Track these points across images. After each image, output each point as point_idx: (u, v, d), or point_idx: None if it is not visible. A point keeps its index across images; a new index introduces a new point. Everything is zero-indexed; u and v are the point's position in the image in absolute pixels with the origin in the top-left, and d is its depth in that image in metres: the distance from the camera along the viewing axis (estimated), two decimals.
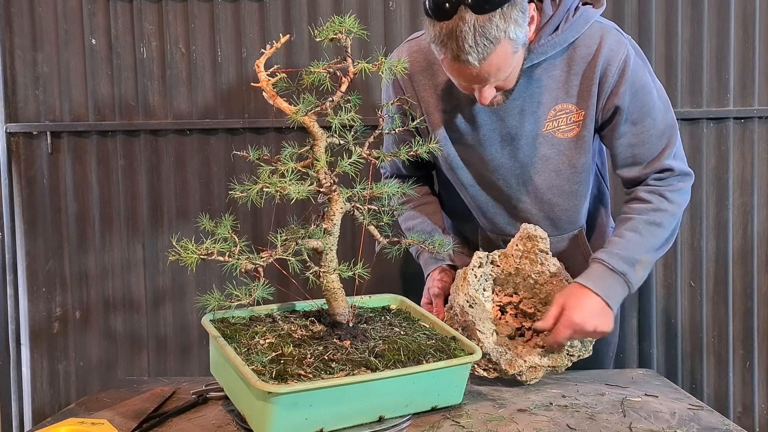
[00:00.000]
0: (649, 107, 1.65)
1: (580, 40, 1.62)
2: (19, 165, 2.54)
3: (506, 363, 1.54)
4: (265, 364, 1.26)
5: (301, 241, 1.35)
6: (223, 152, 2.52)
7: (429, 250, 1.53)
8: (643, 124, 1.65)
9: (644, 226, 1.64)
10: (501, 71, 1.48)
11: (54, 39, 2.51)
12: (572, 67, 1.63)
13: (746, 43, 2.47)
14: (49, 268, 2.56)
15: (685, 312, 2.54)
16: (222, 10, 2.49)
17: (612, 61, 1.61)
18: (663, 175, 1.68)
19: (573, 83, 1.64)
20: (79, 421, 1.28)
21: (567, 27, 1.59)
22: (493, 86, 1.52)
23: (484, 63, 1.43)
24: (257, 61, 1.37)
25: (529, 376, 1.56)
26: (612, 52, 1.61)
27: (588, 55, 1.62)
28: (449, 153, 1.74)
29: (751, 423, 2.55)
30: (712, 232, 2.53)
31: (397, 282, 2.50)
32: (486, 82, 1.49)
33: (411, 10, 2.48)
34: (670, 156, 1.68)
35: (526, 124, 1.67)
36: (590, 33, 1.62)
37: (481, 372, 1.56)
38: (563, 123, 1.66)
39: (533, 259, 1.68)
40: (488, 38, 1.40)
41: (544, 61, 1.62)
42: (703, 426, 1.33)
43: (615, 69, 1.61)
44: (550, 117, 1.66)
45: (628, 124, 1.66)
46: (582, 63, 1.63)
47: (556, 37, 1.59)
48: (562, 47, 1.61)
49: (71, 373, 2.59)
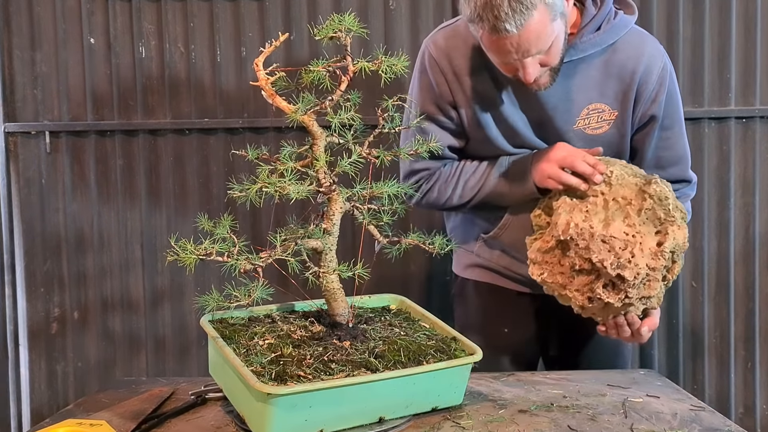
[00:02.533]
0: (678, 114, 1.74)
1: (620, 44, 1.66)
2: (18, 165, 2.53)
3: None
4: (265, 365, 1.25)
5: (300, 241, 1.35)
6: (222, 152, 2.51)
7: (429, 249, 1.51)
8: (672, 130, 1.73)
9: None
10: (541, 39, 1.48)
11: (52, 38, 2.50)
12: (610, 69, 1.66)
13: (748, 43, 2.47)
14: (47, 269, 2.55)
15: (687, 312, 2.54)
16: (221, 10, 2.48)
17: (652, 69, 1.66)
18: (679, 186, 1.75)
19: (609, 85, 1.67)
20: (77, 422, 1.28)
21: (608, 28, 1.64)
22: (537, 62, 1.52)
23: (522, 30, 1.44)
24: (256, 60, 1.36)
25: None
26: (652, 59, 1.67)
27: (627, 59, 1.66)
28: (496, 136, 1.71)
29: (752, 424, 2.55)
30: (714, 232, 2.52)
31: (397, 282, 2.49)
32: (528, 53, 1.49)
33: (411, 9, 2.48)
34: (689, 166, 1.77)
35: (557, 120, 1.69)
36: (630, 38, 1.67)
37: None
38: (594, 120, 1.69)
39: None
40: (524, 4, 1.41)
41: (582, 60, 1.64)
42: (704, 427, 1.33)
43: (655, 77, 1.67)
44: (583, 115, 1.68)
45: (660, 130, 1.72)
46: (620, 66, 1.66)
47: (597, 37, 1.63)
48: (601, 47, 1.64)
49: (69, 373, 2.58)
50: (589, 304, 1.56)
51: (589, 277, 1.55)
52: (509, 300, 1.88)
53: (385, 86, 1.38)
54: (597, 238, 1.52)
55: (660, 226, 1.54)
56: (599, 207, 1.56)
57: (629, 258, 1.50)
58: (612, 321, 1.61)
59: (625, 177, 1.57)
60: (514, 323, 1.90)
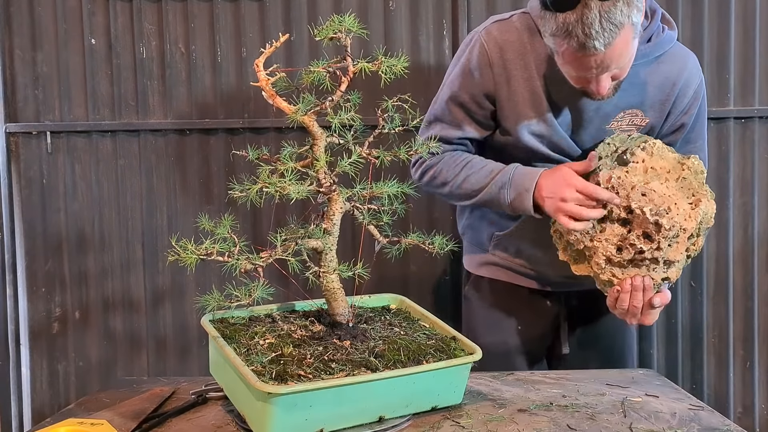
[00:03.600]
0: (703, 131, 1.83)
1: (666, 56, 1.71)
2: (19, 165, 2.54)
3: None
4: (265, 364, 1.26)
5: (300, 241, 1.35)
6: (223, 152, 2.51)
7: (429, 249, 1.52)
8: (696, 144, 1.81)
9: None
10: (622, 57, 1.51)
11: (53, 39, 2.50)
12: (653, 79, 1.70)
13: (747, 43, 2.47)
14: (48, 269, 2.56)
15: (686, 312, 2.54)
16: (222, 10, 2.48)
17: (691, 83, 1.73)
18: None
19: (650, 93, 1.71)
20: (78, 421, 1.28)
21: (658, 41, 1.69)
22: (610, 76, 1.55)
23: (609, 48, 1.46)
24: (257, 60, 1.37)
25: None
26: (692, 74, 1.74)
27: (670, 72, 1.71)
28: (529, 126, 1.71)
29: (751, 423, 2.55)
30: (713, 232, 2.52)
31: (397, 282, 2.49)
32: (607, 69, 1.51)
33: (411, 9, 2.48)
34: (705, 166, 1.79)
35: (596, 120, 1.72)
36: (675, 52, 1.73)
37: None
38: (626, 123, 1.73)
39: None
40: (613, 23, 1.43)
41: (631, 67, 1.64)
42: (703, 426, 1.33)
43: (692, 91, 1.74)
44: (618, 117, 1.72)
45: (684, 143, 1.79)
46: (663, 77, 1.71)
47: (647, 48, 1.67)
48: (650, 58, 1.68)
49: (71, 373, 2.59)
50: (617, 254, 1.59)
51: (624, 228, 1.60)
52: (523, 298, 1.91)
53: (385, 87, 1.39)
54: (638, 190, 1.58)
55: (693, 198, 1.62)
56: (639, 171, 1.62)
57: (667, 208, 1.56)
58: (628, 283, 1.60)
59: (665, 151, 1.65)
60: (527, 321, 1.92)
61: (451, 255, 2.21)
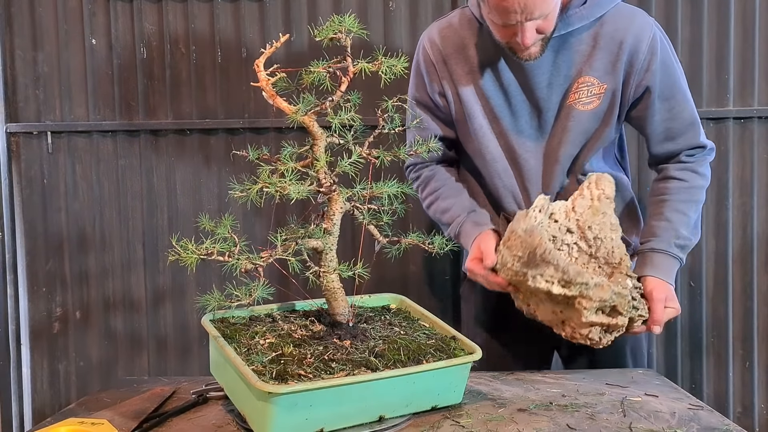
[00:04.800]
0: (679, 82, 1.74)
1: (608, 17, 1.69)
2: (20, 165, 2.54)
3: (596, 286, 1.47)
4: (266, 364, 1.26)
5: (300, 241, 1.35)
6: (223, 152, 2.52)
7: (429, 249, 1.53)
8: (675, 99, 1.73)
9: (686, 205, 1.73)
10: (546, 2, 1.52)
11: (54, 39, 2.51)
12: (598, 42, 1.70)
13: (746, 43, 2.48)
14: (49, 268, 2.56)
15: (685, 312, 2.54)
16: (222, 10, 2.49)
17: (641, 39, 1.68)
18: (694, 152, 1.77)
19: (597, 57, 1.70)
20: (79, 421, 1.28)
21: (595, 2, 1.67)
22: (535, 27, 1.57)
23: None
24: (257, 60, 1.37)
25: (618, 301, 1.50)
26: (640, 30, 1.69)
27: (615, 31, 1.69)
28: (482, 125, 1.77)
29: (750, 423, 2.55)
30: (712, 232, 2.53)
31: (397, 282, 2.50)
32: (531, 15, 1.53)
33: (411, 9, 2.48)
34: (701, 132, 1.77)
35: (553, 96, 1.73)
36: (618, 11, 1.70)
37: (558, 288, 1.49)
38: (584, 95, 1.72)
39: (597, 208, 1.61)
40: None
41: (570, 34, 1.68)
42: (702, 426, 1.33)
43: (645, 46, 1.68)
44: (574, 89, 1.72)
45: (661, 101, 1.73)
46: (608, 39, 1.69)
47: (584, 10, 1.67)
48: (589, 21, 1.68)
49: (71, 373, 2.59)
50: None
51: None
52: None
53: (385, 87, 1.39)
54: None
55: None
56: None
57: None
58: None
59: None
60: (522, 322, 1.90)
61: (451, 255, 2.23)
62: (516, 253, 1.52)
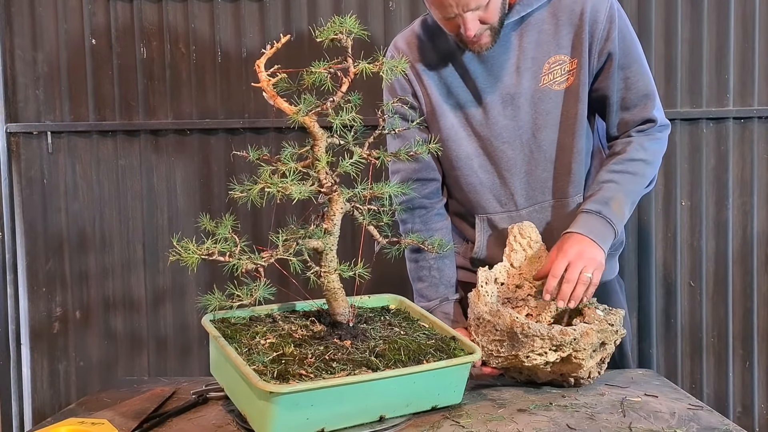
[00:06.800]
0: (636, 52, 1.74)
1: None
2: (20, 165, 2.54)
3: (582, 336, 1.47)
4: (266, 364, 1.26)
5: (301, 241, 1.35)
6: (223, 152, 2.52)
7: (428, 249, 1.53)
8: (631, 69, 1.73)
9: (619, 176, 1.71)
10: None
11: (54, 39, 2.51)
12: (559, 18, 1.71)
13: (746, 43, 2.48)
14: (49, 268, 2.56)
15: (685, 312, 2.55)
16: (222, 10, 2.49)
17: (599, 8, 1.69)
18: (645, 127, 1.76)
19: (563, 33, 1.71)
20: (79, 421, 1.28)
21: None
22: (477, 18, 1.59)
23: None
24: (257, 61, 1.37)
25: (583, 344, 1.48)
26: (598, 0, 1.69)
27: (573, 3, 1.70)
28: (453, 123, 1.77)
29: (750, 423, 2.55)
30: (712, 231, 2.53)
31: (397, 282, 2.49)
32: (467, 6, 1.57)
33: (411, 10, 2.49)
34: (655, 107, 1.76)
35: (523, 81, 1.73)
36: None
37: (553, 355, 1.48)
38: (558, 74, 1.73)
39: (532, 255, 1.67)
40: None
41: (530, 15, 1.70)
42: (702, 426, 1.33)
43: (604, 15, 1.69)
44: (545, 71, 1.72)
45: (619, 69, 1.72)
46: (568, 13, 1.70)
47: None
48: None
49: (71, 373, 2.59)
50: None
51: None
52: None
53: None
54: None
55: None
56: None
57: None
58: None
59: None
60: None
61: None
62: (494, 338, 1.53)
